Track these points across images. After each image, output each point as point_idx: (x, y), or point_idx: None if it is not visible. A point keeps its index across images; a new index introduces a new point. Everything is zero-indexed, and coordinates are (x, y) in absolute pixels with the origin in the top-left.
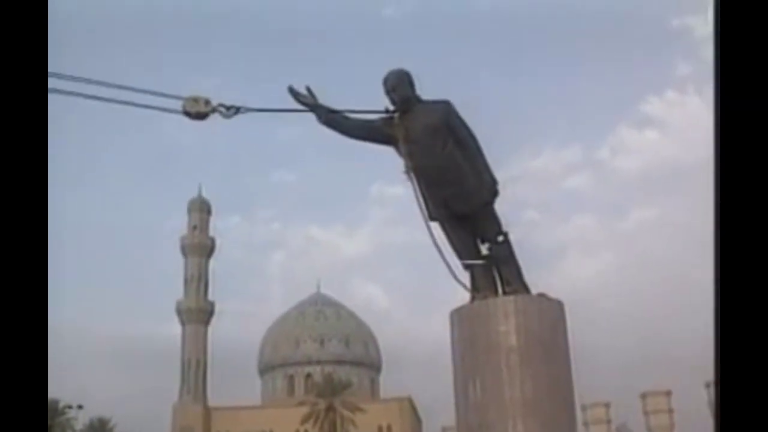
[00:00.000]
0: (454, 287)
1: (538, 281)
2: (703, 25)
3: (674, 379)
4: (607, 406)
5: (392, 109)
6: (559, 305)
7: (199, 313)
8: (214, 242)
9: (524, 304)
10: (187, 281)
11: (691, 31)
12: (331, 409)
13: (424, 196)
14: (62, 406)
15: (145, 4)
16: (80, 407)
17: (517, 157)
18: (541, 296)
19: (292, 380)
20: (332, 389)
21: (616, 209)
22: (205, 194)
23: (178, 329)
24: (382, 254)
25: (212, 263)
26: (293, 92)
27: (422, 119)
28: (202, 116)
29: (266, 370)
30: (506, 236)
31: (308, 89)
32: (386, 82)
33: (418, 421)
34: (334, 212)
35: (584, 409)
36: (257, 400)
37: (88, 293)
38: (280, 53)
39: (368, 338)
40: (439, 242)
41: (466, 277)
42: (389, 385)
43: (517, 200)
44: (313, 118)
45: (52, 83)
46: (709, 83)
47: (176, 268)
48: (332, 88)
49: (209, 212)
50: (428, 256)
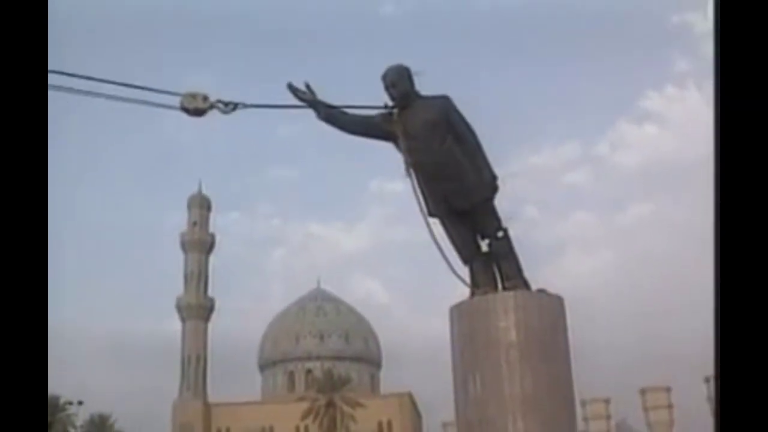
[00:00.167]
0: (453, 283)
1: (537, 277)
2: (702, 21)
3: (674, 374)
4: (606, 401)
5: (391, 104)
6: (558, 301)
7: (199, 309)
8: (214, 238)
9: (524, 299)
10: (187, 277)
11: (690, 27)
12: (331, 404)
13: (423, 191)
14: (63, 402)
15: (143, 3)
16: (81, 403)
17: (516, 153)
18: (540, 292)
19: (292, 376)
20: (332, 385)
21: (615, 205)
22: (205, 191)
23: (178, 325)
24: (382, 250)
25: (212, 259)
26: (292, 89)
27: (421, 115)
28: (200, 112)
29: (266, 365)
30: (506, 232)
31: (307, 86)
32: (385, 77)
33: (418, 416)
34: (334, 208)
35: (584, 404)
36: (257, 396)
37: (88, 290)
38: (279, 51)
39: (368, 334)
40: (438, 238)
41: (465, 272)
42: (389, 380)
43: (516, 196)
44: (312, 114)
45: (51, 80)
46: (708, 79)
47: (176, 264)
48: (331, 85)
49: (209, 208)
50: (428, 252)
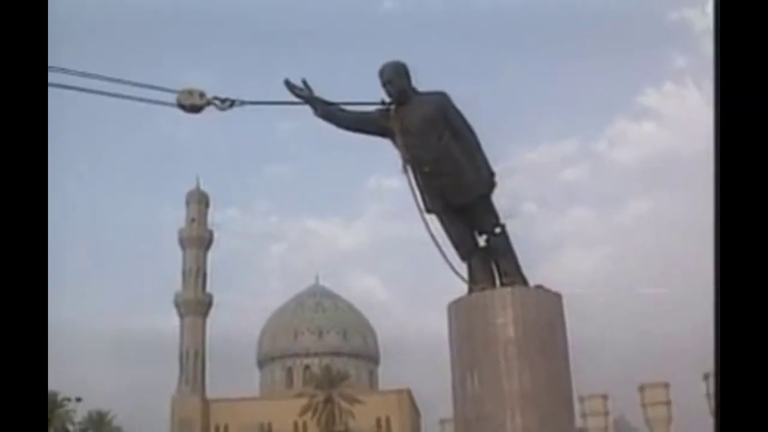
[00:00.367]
0: (452, 279)
1: (535, 274)
2: (700, 17)
3: (672, 371)
4: (605, 398)
5: (388, 101)
6: (557, 297)
7: (197, 305)
8: (212, 235)
9: (522, 295)
10: (185, 274)
11: (688, 24)
12: (329, 401)
13: (420, 188)
14: (61, 398)
15: (142, 1)
16: (79, 400)
17: (514, 149)
18: (538, 288)
19: (290, 372)
20: (331, 381)
21: (613, 202)
22: (203, 187)
23: (176, 321)
24: (380, 246)
25: (210, 255)
26: (289, 85)
27: (418, 111)
28: (196, 109)
29: (265, 361)
30: (503, 228)
31: (304, 82)
32: (382, 73)
33: (416, 413)
34: (332, 204)
35: (582, 401)
36: (256, 392)
37: (86, 286)
38: (277, 48)
39: (366, 330)
40: (436, 234)
41: (463, 268)
42: (388, 377)
43: (514, 193)
44: (310, 110)
45: (50, 78)
46: (706, 76)
47: (175, 260)
48: (330, 82)
49: (207, 205)
50: (426, 248)
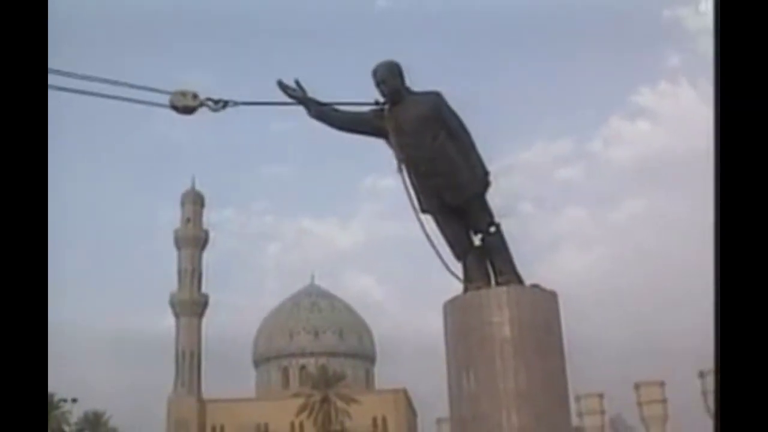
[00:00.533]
0: (448, 278)
1: (531, 273)
2: (694, 16)
3: (668, 369)
4: (600, 396)
5: (382, 101)
6: (552, 296)
7: (192, 305)
8: (207, 234)
9: (518, 294)
10: (180, 274)
11: (682, 22)
12: (326, 400)
13: (415, 187)
14: (57, 399)
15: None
16: (74, 401)
17: (509, 149)
18: (534, 287)
19: (286, 372)
20: (327, 381)
21: (609, 200)
22: (198, 187)
23: (172, 322)
24: (376, 246)
25: (206, 256)
26: (282, 86)
27: (412, 111)
28: (189, 110)
29: (261, 362)
30: (498, 227)
31: (297, 83)
32: (375, 73)
33: (413, 412)
34: (327, 204)
35: (578, 399)
36: (252, 392)
37: (82, 286)
38: (272, 48)
39: (362, 330)
40: (430, 234)
41: (459, 268)
42: (384, 376)
43: (510, 192)
44: (305, 110)
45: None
46: (701, 74)
47: (170, 260)
48: (325, 81)
49: (203, 205)
50: (422, 247)
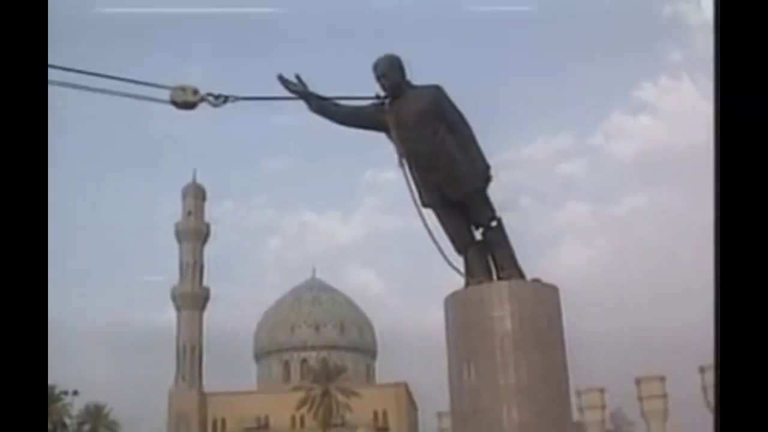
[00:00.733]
0: (449, 272)
1: (532, 267)
2: (695, 11)
3: (669, 364)
4: (601, 391)
5: (383, 95)
6: (553, 290)
7: (194, 298)
8: (209, 228)
9: (519, 289)
10: (182, 267)
11: (683, 17)
12: (326, 394)
13: (416, 182)
14: (58, 392)
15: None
16: (75, 393)
17: (510, 143)
18: (535, 281)
19: (287, 366)
20: (328, 375)
21: (610, 195)
22: (199, 180)
23: (173, 315)
24: (377, 240)
25: (207, 249)
26: (283, 80)
27: (413, 105)
28: (190, 106)
29: (262, 355)
30: (499, 221)
31: (298, 77)
32: (376, 67)
33: (413, 407)
34: (328, 198)
35: (579, 394)
36: (253, 385)
37: (83, 280)
38: (273, 43)
39: (363, 323)
40: (432, 228)
41: (460, 262)
42: (385, 370)
43: (511, 186)
44: (305, 105)
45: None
46: (702, 70)
47: (172, 254)
48: (326, 76)
49: (204, 198)
50: (423, 241)
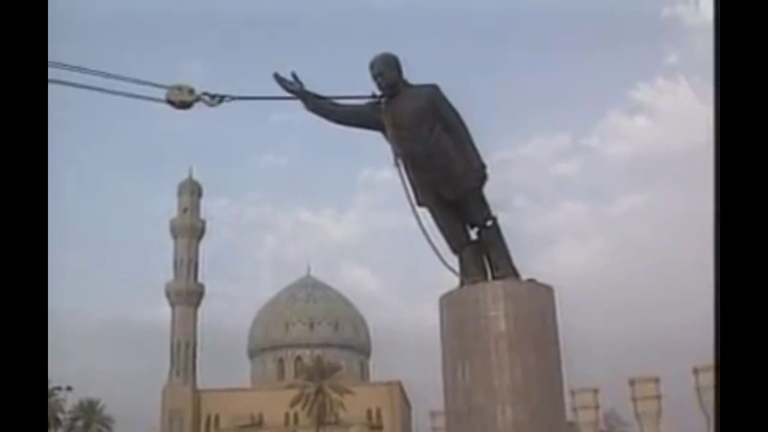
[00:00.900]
0: (444, 271)
1: (527, 267)
2: (692, 13)
3: (663, 365)
4: (595, 391)
5: (379, 93)
6: (548, 290)
7: (188, 295)
8: (204, 225)
9: (514, 288)
10: (176, 264)
11: (680, 19)
12: (320, 392)
13: (412, 181)
14: (51, 387)
15: None
16: (69, 389)
17: (507, 143)
18: (530, 281)
19: (281, 363)
20: (322, 372)
21: (606, 196)
22: (195, 177)
23: (167, 311)
24: (372, 238)
25: (202, 246)
26: (279, 79)
27: (409, 104)
28: (186, 105)
29: (256, 352)
30: (495, 220)
31: (294, 76)
32: (373, 66)
33: (407, 405)
34: (324, 196)
35: (573, 394)
36: (247, 382)
37: (78, 276)
38: (271, 41)
39: (358, 322)
40: (426, 227)
41: (455, 261)
42: (379, 368)
43: (506, 186)
44: (301, 104)
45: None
46: (698, 71)
47: (167, 250)
48: (322, 75)
49: (200, 195)
50: (418, 240)
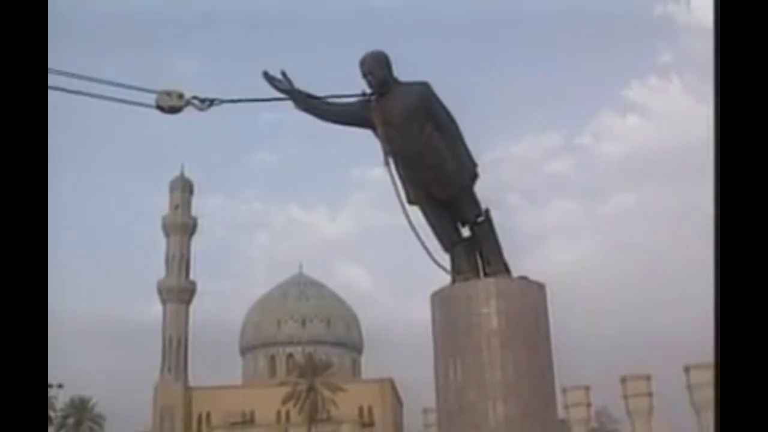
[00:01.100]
0: (436, 269)
1: (520, 265)
2: (685, 12)
3: (654, 363)
4: (587, 389)
5: (369, 92)
6: (540, 288)
7: (180, 292)
8: (196, 222)
9: (505, 286)
10: (168, 261)
11: (673, 18)
12: (312, 389)
13: (402, 179)
14: None
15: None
16: (60, 386)
17: (500, 141)
18: (522, 279)
19: (273, 360)
20: (313, 370)
21: (598, 194)
22: (187, 174)
23: (159, 309)
24: (364, 236)
25: (194, 243)
26: (269, 78)
27: (400, 102)
28: (175, 110)
29: (248, 350)
30: (487, 217)
31: (283, 74)
32: (363, 64)
33: (399, 402)
34: (316, 194)
35: (564, 392)
36: (238, 380)
37: (69, 273)
38: (263, 40)
39: (350, 319)
40: (416, 225)
41: (447, 259)
42: (371, 366)
43: (499, 184)
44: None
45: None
46: (691, 70)
47: (159, 247)
48: (313, 73)
49: (192, 192)
50: (411, 238)
